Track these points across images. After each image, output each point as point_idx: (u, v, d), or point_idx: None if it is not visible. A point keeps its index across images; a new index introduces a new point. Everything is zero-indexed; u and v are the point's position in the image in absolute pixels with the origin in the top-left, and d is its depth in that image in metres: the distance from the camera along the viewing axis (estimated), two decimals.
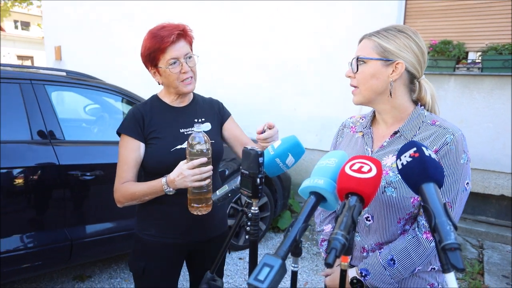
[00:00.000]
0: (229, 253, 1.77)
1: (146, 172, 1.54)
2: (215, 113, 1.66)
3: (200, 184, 1.35)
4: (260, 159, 0.93)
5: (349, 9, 4.39)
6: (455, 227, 0.72)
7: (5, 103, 2.48)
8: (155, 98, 1.58)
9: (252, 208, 0.98)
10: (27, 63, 22.22)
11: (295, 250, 0.81)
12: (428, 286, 1.18)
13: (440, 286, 1.20)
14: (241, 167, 0.97)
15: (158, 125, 1.50)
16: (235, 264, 3.38)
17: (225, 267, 3.30)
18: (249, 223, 0.97)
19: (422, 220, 1.11)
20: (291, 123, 4.87)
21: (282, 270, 0.73)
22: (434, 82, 3.98)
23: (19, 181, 2.38)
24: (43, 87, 2.60)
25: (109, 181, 2.69)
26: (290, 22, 4.81)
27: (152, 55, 1.45)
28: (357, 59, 1.14)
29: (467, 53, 4.05)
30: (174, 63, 1.44)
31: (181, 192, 1.41)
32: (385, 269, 1.12)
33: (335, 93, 4.49)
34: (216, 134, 1.62)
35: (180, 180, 1.34)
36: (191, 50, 1.52)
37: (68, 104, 3.55)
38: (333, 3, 4.47)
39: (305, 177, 0.93)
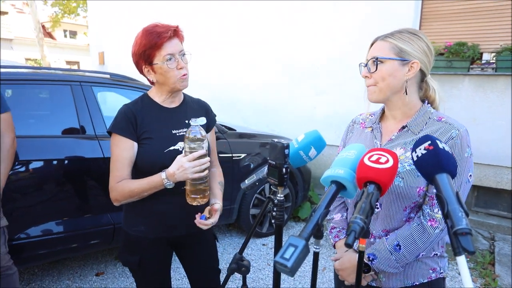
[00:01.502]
0: (218, 241, 1.71)
1: (137, 170, 1.45)
2: (203, 115, 1.58)
3: (199, 175, 1.32)
4: (286, 151, 0.94)
5: (366, 11, 4.29)
6: (467, 214, 0.71)
7: (59, 102, 2.61)
8: (145, 97, 1.49)
9: (278, 195, 0.99)
10: (74, 67, 23.02)
11: (317, 233, 0.82)
12: (430, 271, 1.18)
13: (441, 271, 1.19)
14: (268, 158, 0.99)
15: (150, 126, 1.42)
16: (259, 250, 3.41)
17: (249, 252, 3.35)
18: (275, 209, 0.99)
19: (427, 209, 1.10)
20: (311, 121, 4.84)
21: (306, 250, 0.75)
22: (449, 82, 3.88)
23: (69, 171, 2.49)
24: (90, 88, 2.70)
25: None
26: (308, 24, 4.76)
27: (147, 52, 1.36)
28: (377, 59, 1.13)
29: (481, 54, 3.89)
30: (170, 59, 1.36)
31: (170, 190, 1.38)
32: (391, 254, 1.11)
33: (352, 91, 4.42)
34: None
35: (180, 173, 1.29)
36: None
37: (111, 103, 3.66)
38: (351, 4, 4.39)
39: (324, 170, 0.94)
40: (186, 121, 1.49)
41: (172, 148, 1.42)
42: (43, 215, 2.39)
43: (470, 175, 1.11)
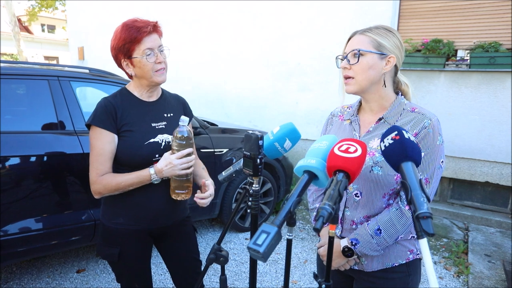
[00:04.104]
0: (197, 233, 1.77)
1: (115, 162, 1.46)
2: (181, 109, 1.64)
3: (186, 172, 1.40)
4: (260, 142, 0.97)
5: (347, 10, 4.37)
6: (428, 199, 0.76)
7: (35, 97, 2.56)
8: (124, 91, 1.50)
9: (253, 185, 1.02)
10: (53, 63, 22.41)
11: (290, 220, 0.85)
12: (408, 252, 1.24)
13: (418, 252, 1.26)
14: (243, 150, 1.01)
15: (130, 119, 1.44)
16: (241, 244, 3.44)
17: (232, 246, 3.37)
18: (250, 199, 1.01)
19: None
20: (293, 116, 4.89)
21: (278, 236, 0.78)
22: (426, 78, 3.99)
23: (48, 167, 2.45)
24: (68, 83, 2.65)
25: None
26: (292, 23, 4.81)
27: (127, 46, 1.39)
28: (359, 51, 1.17)
29: (456, 50, 4.02)
30: (149, 54, 1.39)
31: (149, 184, 1.43)
32: (373, 238, 1.16)
33: (333, 88, 4.50)
34: None
35: (169, 170, 1.37)
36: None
37: (91, 99, 3.61)
38: (333, 3, 4.46)
39: None
40: (165, 115, 1.54)
41: (152, 140, 1.46)
42: (21, 212, 2.35)
43: (442, 161, 1.17)
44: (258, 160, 0.97)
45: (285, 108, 5.00)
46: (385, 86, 1.21)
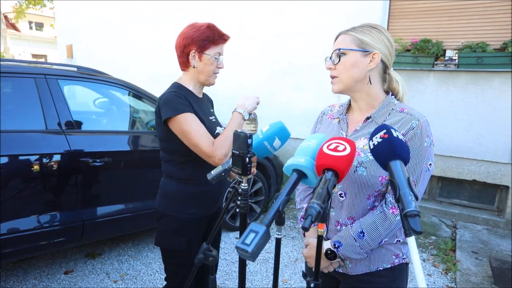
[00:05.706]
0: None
1: (180, 155, 1.56)
2: (212, 106, 1.86)
3: (256, 105, 1.64)
4: (249, 141, 0.96)
5: (340, 10, 4.38)
6: (416, 198, 0.76)
7: (22, 96, 2.50)
8: (180, 85, 1.61)
9: (242, 184, 1.01)
10: (41, 61, 22.03)
11: (279, 219, 0.85)
12: (393, 256, 1.22)
13: (404, 256, 1.24)
14: (232, 149, 1.01)
15: (197, 110, 1.55)
16: (232, 243, 3.43)
17: (222, 245, 3.36)
18: (239, 198, 1.00)
19: (390, 197, 1.13)
20: (286, 115, 4.89)
21: (266, 235, 0.77)
22: (415, 77, 4.03)
23: (35, 167, 2.40)
24: (56, 81, 2.60)
25: (116, 166, 2.73)
26: (287, 22, 4.81)
27: (205, 42, 1.54)
28: (339, 50, 1.17)
29: (445, 50, 4.07)
30: (217, 57, 1.59)
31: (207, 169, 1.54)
32: (356, 241, 1.14)
33: (326, 87, 4.50)
34: None
35: (250, 102, 1.60)
36: None
37: (79, 98, 3.55)
38: (326, 3, 4.47)
39: None
40: (211, 110, 1.75)
41: (216, 132, 1.63)
42: (8, 212, 2.30)
43: (430, 164, 1.14)
44: (247, 159, 0.96)
45: (278, 108, 5.00)
46: (370, 83, 1.19)
